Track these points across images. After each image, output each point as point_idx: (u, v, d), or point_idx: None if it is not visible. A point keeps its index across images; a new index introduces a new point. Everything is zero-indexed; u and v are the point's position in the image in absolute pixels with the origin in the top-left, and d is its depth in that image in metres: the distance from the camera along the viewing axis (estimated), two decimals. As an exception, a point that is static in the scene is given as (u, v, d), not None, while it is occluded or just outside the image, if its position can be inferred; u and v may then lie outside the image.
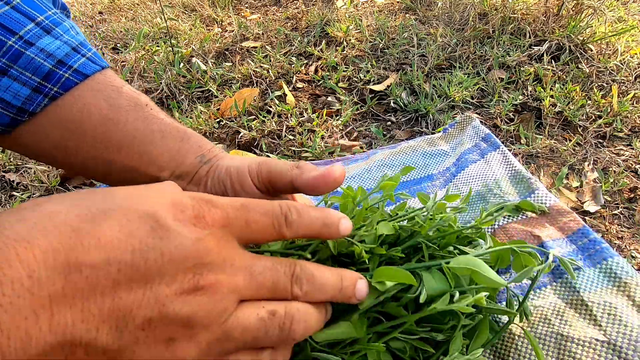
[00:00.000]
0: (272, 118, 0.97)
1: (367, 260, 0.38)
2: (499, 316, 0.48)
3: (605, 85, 1.00)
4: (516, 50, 1.13)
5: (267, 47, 1.28)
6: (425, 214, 0.48)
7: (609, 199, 0.73)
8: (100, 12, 1.68)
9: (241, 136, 0.92)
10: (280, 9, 1.58)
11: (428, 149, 0.82)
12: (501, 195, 0.66)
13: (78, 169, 0.41)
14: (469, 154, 0.77)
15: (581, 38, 1.12)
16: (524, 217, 0.62)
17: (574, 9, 1.17)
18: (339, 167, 0.38)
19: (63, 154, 0.39)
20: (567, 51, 1.10)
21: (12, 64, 0.35)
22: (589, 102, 0.95)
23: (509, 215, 0.63)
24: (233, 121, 0.98)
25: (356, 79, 1.10)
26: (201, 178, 0.43)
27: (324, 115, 0.97)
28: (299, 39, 1.30)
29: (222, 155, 0.44)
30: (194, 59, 1.21)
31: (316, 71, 1.16)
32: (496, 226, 0.61)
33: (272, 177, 0.40)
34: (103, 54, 1.28)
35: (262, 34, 1.36)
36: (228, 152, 0.89)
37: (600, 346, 0.44)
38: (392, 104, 1.00)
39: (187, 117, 1.00)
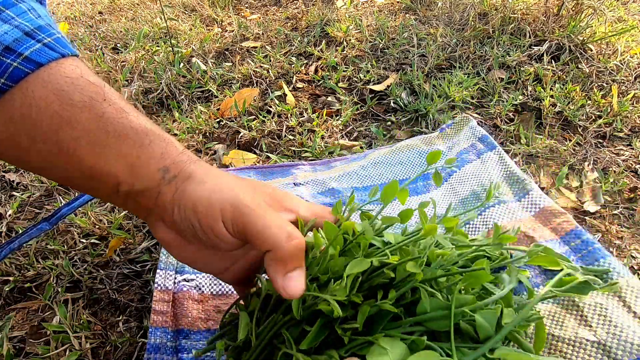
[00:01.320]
0: (272, 118, 0.97)
1: (343, 314, 0.34)
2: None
3: (605, 85, 1.00)
4: (516, 50, 1.13)
5: (267, 47, 1.28)
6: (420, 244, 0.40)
7: (609, 199, 0.73)
8: (100, 12, 1.68)
9: (241, 136, 0.92)
10: (280, 9, 1.58)
11: (425, 148, 0.82)
12: (496, 196, 0.66)
13: (39, 171, 0.36)
14: (465, 154, 0.77)
15: (581, 38, 1.12)
16: (517, 217, 0.62)
17: (574, 9, 1.17)
18: (298, 290, 0.35)
19: (17, 153, 0.34)
20: (567, 51, 1.10)
21: None
22: (589, 102, 0.95)
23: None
24: (233, 121, 0.98)
25: (356, 79, 1.10)
26: (166, 204, 0.37)
27: (324, 115, 0.97)
28: (299, 39, 1.30)
29: (188, 172, 0.37)
30: (194, 59, 1.21)
31: (316, 71, 1.16)
32: (490, 226, 0.62)
33: (247, 236, 0.36)
34: (103, 54, 1.29)
35: (262, 34, 1.36)
36: (228, 152, 0.89)
37: (590, 346, 0.44)
38: (392, 104, 1.00)
39: (187, 117, 1.00)
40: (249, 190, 0.38)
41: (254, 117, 0.99)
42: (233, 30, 1.39)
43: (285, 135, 0.92)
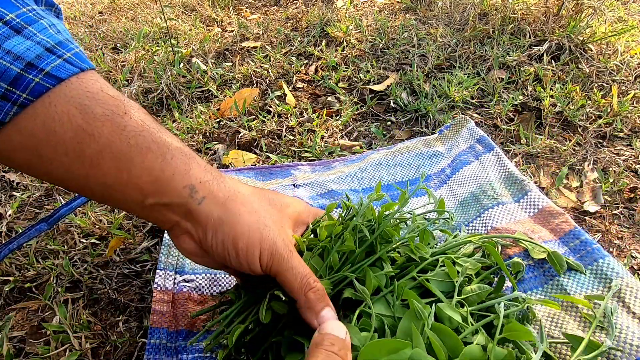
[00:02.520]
0: (272, 118, 0.97)
1: None
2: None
3: (605, 85, 1.00)
4: (516, 50, 1.13)
5: (267, 47, 1.28)
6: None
7: (609, 199, 0.73)
8: (100, 12, 1.68)
9: (241, 136, 0.92)
10: (280, 9, 1.58)
11: (424, 150, 0.82)
12: (495, 197, 0.66)
13: (57, 181, 0.37)
14: (464, 156, 0.77)
15: (581, 38, 1.12)
16: (516, 218, 0.62)
17: (574, 9, 1.16)
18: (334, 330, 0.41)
19: (39, 164, 0.35)
20: (567, 51, 1.10)
21: None
22: (589, 102, 0.95)
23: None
24: (233, 121, 0.98)
25: (356, 79, 1.10)
26: (198, 221, 0.40)
27: (324, 115, 0.97)
28: (299, 39, 1.30)
29: (221, 198, 0.40)
30: (194, 59, 1.21)
31: (316, 71, 1.16)
32: (489, 227, 0.61)
33: (277, 279, 0.41)
34: (103, 54, 1.29)
35: (262, 34, 1.36)
36: (228, 152, 0.89)
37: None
38: (392, 104, 1.00)
39: (187, 117, 1.00)
40: (279, 224, 0.43)
41: (254, 117, 0.99)
42: (233, 30, 1.39)
43: (285, 135, 0.92)
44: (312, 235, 0.49)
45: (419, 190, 0.75)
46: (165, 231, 0.66)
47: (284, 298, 0.43)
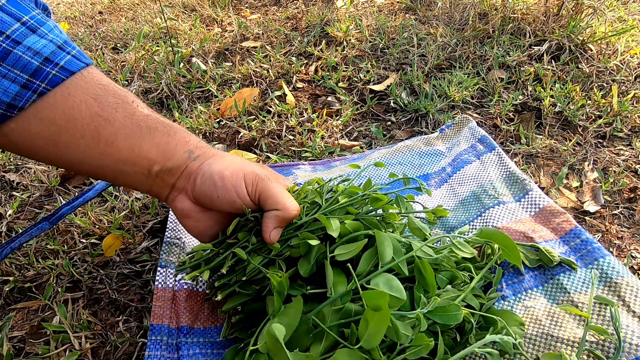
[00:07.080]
0: (272, 118, 0.97)
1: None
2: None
3: (605, 85, 1.00)
4: (516, 50, 1.13)
5: (267, 47, 1.28)
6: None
7: (609, 199, 0.73)
8: (100, 12, 1.68)
9: (241, 136, 0.92)
10: (280, 9, 1.58)
11: (424, 149, 0.82)
12: (495, 197, 0.66)
13: (71, 164, 0.42)
14: (465, 155, 0.77)
15: (581, 38, 1.12)
16: (517, 218, 0.62)
17: (574, 9, 1.16)
18: (277, 239, 0.47)
19: (55, 149, 0.41)
20: (567, 51, 1.10)
21: (1, 61, 0.37)
22: (589, 102, 0.95)
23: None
24: (233, 121, 0.98)
25: (356, 79, 1.10)
26: (190, 174, 0.47)
27: (324, 115, 0.97)
28: (299, 39, 1.30)
29: (211, 154, 0.48)
30: (194, 59, 1.21)
31: (316, 71, 1.16)
32: (490, 227, 0.61)
33: (261, 197, 0.46)
34: (103, 54, 1.28)
35: (262, 34, 1.36)
36: (228, 152, 0.89)
37: (589, 346, 0.44)
38: (392, 104, 1.00)
39: (187, 117, 1.00)
40: (261, 167, 0.49)
41: (254, 117, 0.99)
42: (233, 30, 1.39)
43: (285, 135, 0.92)
44: None
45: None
46: (166, 229, 0.66)
47: (251, 216, 0.47)
